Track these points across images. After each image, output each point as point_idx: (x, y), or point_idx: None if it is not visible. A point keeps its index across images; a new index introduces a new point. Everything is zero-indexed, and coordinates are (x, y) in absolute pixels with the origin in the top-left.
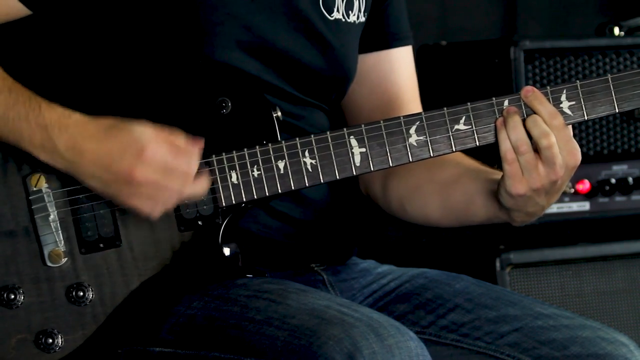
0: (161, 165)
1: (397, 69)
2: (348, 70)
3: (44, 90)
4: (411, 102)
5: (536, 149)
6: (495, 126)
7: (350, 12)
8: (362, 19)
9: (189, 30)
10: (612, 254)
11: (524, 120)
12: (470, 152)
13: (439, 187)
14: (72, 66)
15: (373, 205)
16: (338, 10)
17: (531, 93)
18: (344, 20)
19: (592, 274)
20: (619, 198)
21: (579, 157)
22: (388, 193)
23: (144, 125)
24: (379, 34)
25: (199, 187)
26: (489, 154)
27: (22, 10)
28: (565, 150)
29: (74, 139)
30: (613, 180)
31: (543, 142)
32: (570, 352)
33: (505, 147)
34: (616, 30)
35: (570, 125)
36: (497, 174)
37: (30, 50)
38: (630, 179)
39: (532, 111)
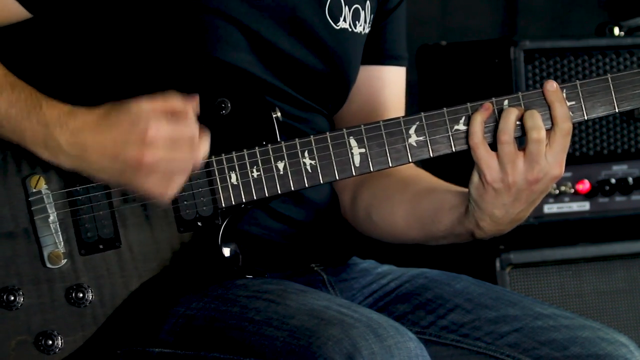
0: (167, 140)
1: (387, 88)
2: (349, 78)
3: (46, 90)
4: None
5: (520, 147)
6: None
7: (357, 22)
8: (367, 30)
9: (192, 33)
10: (612, 254)
11: (522, 115)
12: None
13: (410, 196)
14: (73, 65)
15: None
16: (345, 20)
17: (555, 90)
18: (350, 30)
19: (592, 274)
20: (619, 198)
21: (562, 171)
22: (357, 201)
23: (139, 102)
24: (375, 49)
25: (205, 145)
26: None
27: (23, 14)
28: (555, 158)
29: (75, 135)
30: (613, 180)
31: (533, 134)
32: (570, 353)
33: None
34: (616, 30)
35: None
36: (466, 190)
37: (32, 51)
38: (630, 179)
39: (549, 107)
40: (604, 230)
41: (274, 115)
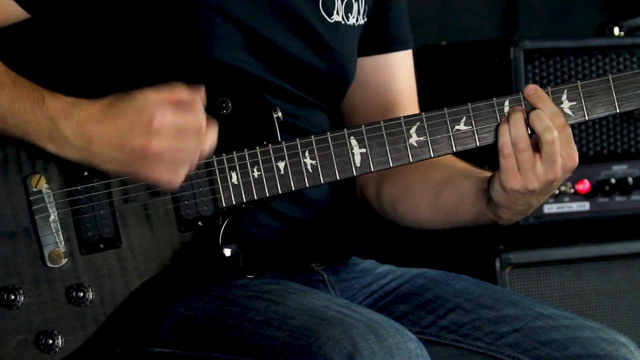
0: (173, 129)
1: (397, 74)
2: (347, 72)
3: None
4: (409, 106)
5: (535, 149)
6: (498, 122)
7: (349, 14)
8: (362, 21)
9: (188, 31)
10: (612, 254)
11: (527, 116)
12: (461, 153)
13: (430, 187)
14: (71, 65)
15: (371, 206)
16: (338, 13)
17: (534, 92)
18: (343, 22)
19: (592, 274)
20: (619, 198)
21: (577, 160)
22: (382, 196)
23: (144, 93)
24: (379, 38)
25: (212, 136)
26: (479, 155)
27: (22, 14)
28: (565, 152)
29: (81, 125)
30: (613, 180)
31: (546, 136)
32: (570, 353)
33: (503, 140)
34: (616, 30)
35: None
36: (487, 174)
37: (30, 53)
38: (630, 179)
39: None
40: (604, 230)
41: (274, 115)
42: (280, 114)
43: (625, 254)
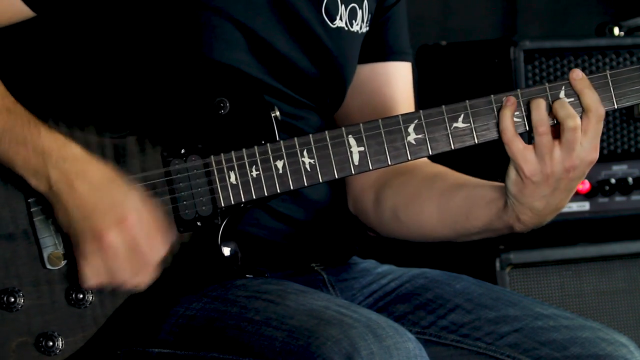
0: (132, 242)
1: (393, 83)
2: (344, 77)
3: (44, 90)
4: None
5: (555, 136)
6: (496, 119)
7: (353, 21)
8: (365, 29)
9: (189, 32)
10: (612, 254)
11: (550, 105)
12: (471, 156)
13: (439, 192)
14: (73, 64)
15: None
16: (341, 19)
17: (582, 77)
18: (346, 29)
19: (592, 274)
20: (618, 198)
21: (597, 155)
22: (381, 203)
23: (143, 199)
24: (377, 46)
25: (146, 281)
26: (487, 169)
27: (26, 12)
28: (591, 143)
29: (68, 175)
30: (613, 180)
31: (569, 123)
32: (570, 353)
33: (537, 117)
34: (616, 30)
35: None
36: (500, 184)
37: (31, 51)
38: (630, 179)
39: (577, 96)
40: (604, 230)
41: (272, 115)
42: (278, 113)
43: (625, 254)
